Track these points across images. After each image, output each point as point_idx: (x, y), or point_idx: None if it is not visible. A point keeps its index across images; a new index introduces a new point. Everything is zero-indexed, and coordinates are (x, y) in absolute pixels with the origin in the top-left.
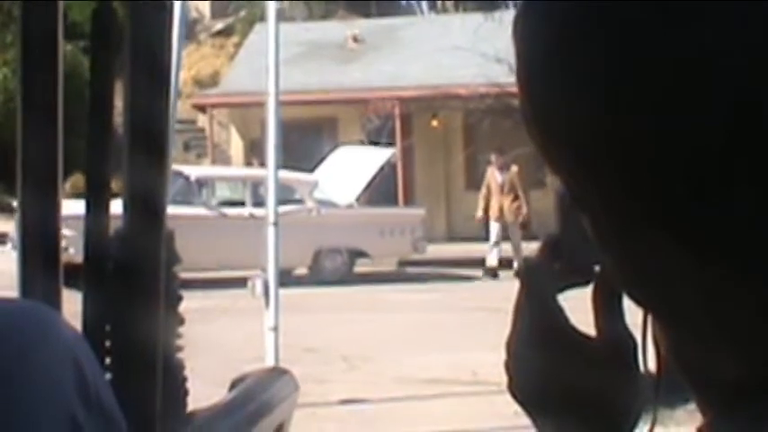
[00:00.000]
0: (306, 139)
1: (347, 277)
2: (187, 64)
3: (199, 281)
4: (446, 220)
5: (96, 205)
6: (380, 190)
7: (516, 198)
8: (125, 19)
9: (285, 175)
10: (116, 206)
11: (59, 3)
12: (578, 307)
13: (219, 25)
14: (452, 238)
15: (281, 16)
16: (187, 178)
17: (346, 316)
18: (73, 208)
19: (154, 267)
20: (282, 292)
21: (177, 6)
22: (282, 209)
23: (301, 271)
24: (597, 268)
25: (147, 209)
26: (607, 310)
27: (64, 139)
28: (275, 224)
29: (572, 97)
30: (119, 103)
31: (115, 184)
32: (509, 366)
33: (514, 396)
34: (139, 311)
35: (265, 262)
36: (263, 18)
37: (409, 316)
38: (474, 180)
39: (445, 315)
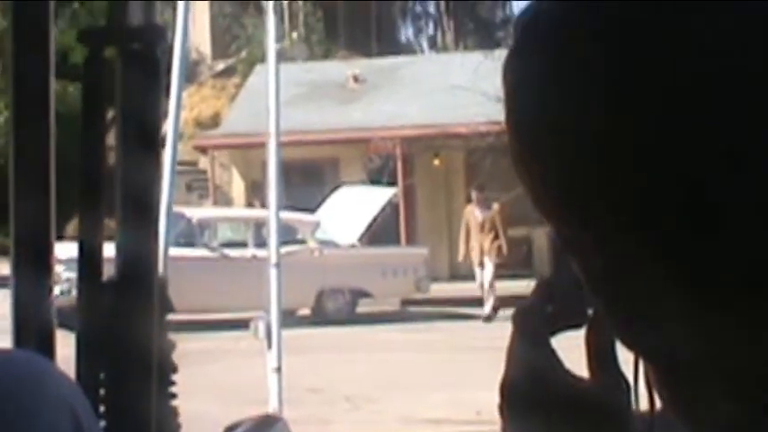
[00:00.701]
0: (307, 179)
1: (350, 317)
2: (188, 105)
3: (201, 322)
4: (449, 259)
5: (90, 252)
6: (383, 229)
7: (497, 237)
8: (116, 69)
9: (287, 215)
10: (110, 249)
11: (51, 34)
12: (572, 347)
13: (221, 66)
14: (455, 276)
15: (282, 57)
16: (189, 220)
17: (349, 356)
18: (75, 251)
19: (146, 315)
20: (285, 332)
21: (177, 47)
22: (284, 249)
23: (304, 311)
24: (590, 312)
25: (139, 257)
26: (600, 352)
27: (67, 181)
28: (277, 265)
29: (559, 140)
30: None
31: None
32: (503, 409)
33: None
34: (133, 359)
35: (268, 303)
36: (263, 59)
37: (412, 355)
38: None
39: (448, 354)
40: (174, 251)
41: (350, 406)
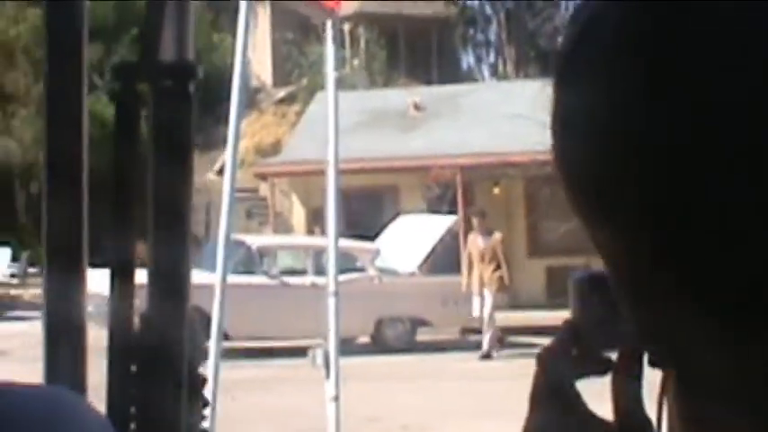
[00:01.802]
0: (368, 207)
1: (409, 346)
2: (249, 132)
3: (259, 350)
4: (508, 288)
5: (121, 284)
6: (442, 258)
7: (498, 267)
8: (149, 100)
9: (347, 243)
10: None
11: (82, 56)
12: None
13: (281, 93)
14: (515, 305)
15: (343, 84)
16: (249, 248)
17: (408, 384)
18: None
19: (177, 349)
20: (344, 361)
21: (236, 75)
22: (344, 277)
23: (364, 339)
24: (616, 355)
25: (170, 289)
26: (626, 394)
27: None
28: (335, 293)
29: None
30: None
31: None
32: None
33: None
34: (164, 393)
35: (326, 331)
36: (324, 86)
37: (471, 384)
38: (536, 248)
39: (507, 383)
40: (234, 278)
41: None
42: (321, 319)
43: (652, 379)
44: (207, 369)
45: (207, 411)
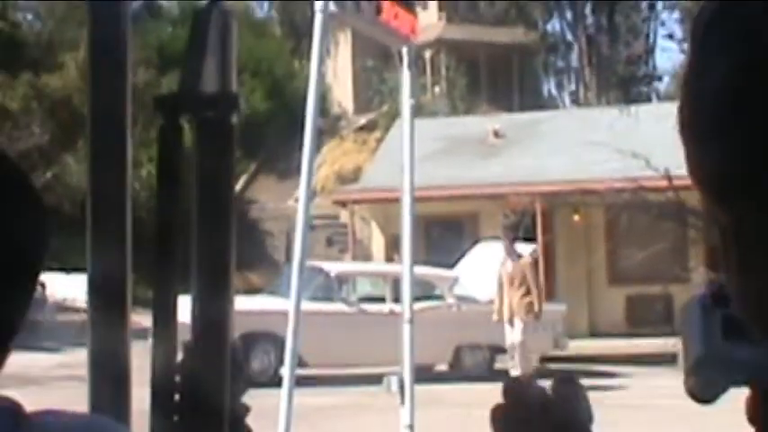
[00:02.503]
0: (447, 234)
1: (488, 373)
2: (329, 159)
3: (336, 377)
4: (588, 316)
5: (163, 324)
6: None
7: (528, 293)
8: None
9: (425, 270)
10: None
11: (128, 60)
12: None
13: (362, 120)
14: (594, 334)
15: (424, 111)
16: (327, 274)
17: (485, 412)
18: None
19: (219, 381)
20: (422, 388)
21: (310, 104)
22: (422, 305)
23: (442, 367)
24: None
25: (212, 329)
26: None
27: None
28: (410, 321)
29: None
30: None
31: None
32: None
33: None
34: (205, 424)
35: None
36: None
37: None
38: (616, 275)
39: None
40: (312, 305)
41: None
42: (399, 347)
43: None
44: (281, 395)
45: None
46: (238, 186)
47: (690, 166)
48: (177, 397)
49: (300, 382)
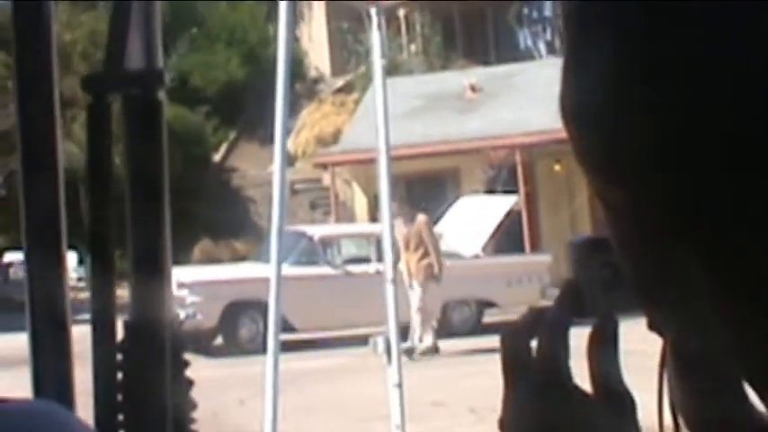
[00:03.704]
0: (429, 191)
1: (476, 328)
2: (309, 123)
3: (324, 340)
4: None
5: (101, 298)
6: (505, 238)
7: (426, 255)
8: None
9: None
10: None
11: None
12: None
13: (339, 83)
14: None
15: (401, 70)
16: (311, 238)
17: (475, 368)
18: (201, 274)
19: (159, 358)
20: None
21: (280, 63)
22: None
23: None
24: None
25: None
26: (604, 363)
27: (189, 204)
28: (393, 281)
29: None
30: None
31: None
32: (504, 424)
33: None
34: (148, 402)
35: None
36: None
37: None
38: (599, 220)
39: (577, 361)
40: (297, 270)
41: (475, 418)
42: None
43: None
44: (267, 360)
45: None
46: (219, 155)
47: (578, 154)
48: (119, 396)
49: (287, 347)
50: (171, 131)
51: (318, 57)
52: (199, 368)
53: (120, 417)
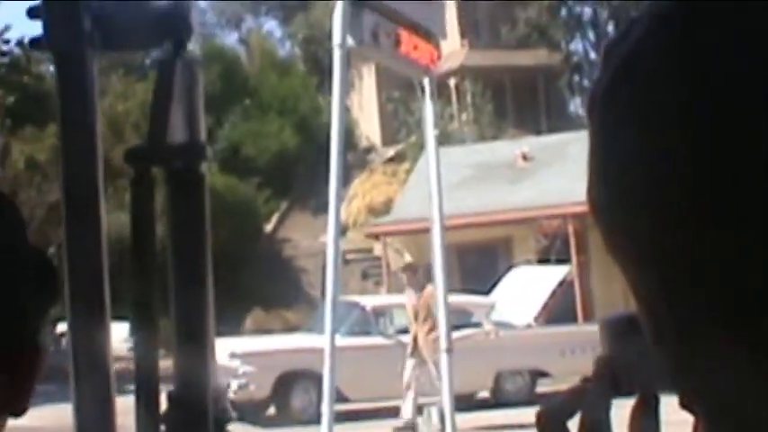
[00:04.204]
0: (481, 260)
1: (530, 398)
2: (360, 192)
3: (377, 410)
4: None
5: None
6: (558, 308)
7: (434, 328)
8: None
9: (461, 298)
10: None
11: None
12: None
13: (390, 152)
14: None
15: (452, 139)
16: (363, 308)
17: None
18: (253, 344)
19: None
20: (463, 416)
21: (334, 134)
22: (460, 333)
23: (483, 394)
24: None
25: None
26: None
27: (240, 274)
28: (449, 350)
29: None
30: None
31: None
32: None
33: None
34: None
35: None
36: None
37: None
38: None
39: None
40: (350, 340)
41: None
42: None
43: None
44: (321, 431)
45: None
46: (271, 225)
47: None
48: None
49: (341, 417)
50: (222, 202)
51: (369, 126)
52: None
53: None
